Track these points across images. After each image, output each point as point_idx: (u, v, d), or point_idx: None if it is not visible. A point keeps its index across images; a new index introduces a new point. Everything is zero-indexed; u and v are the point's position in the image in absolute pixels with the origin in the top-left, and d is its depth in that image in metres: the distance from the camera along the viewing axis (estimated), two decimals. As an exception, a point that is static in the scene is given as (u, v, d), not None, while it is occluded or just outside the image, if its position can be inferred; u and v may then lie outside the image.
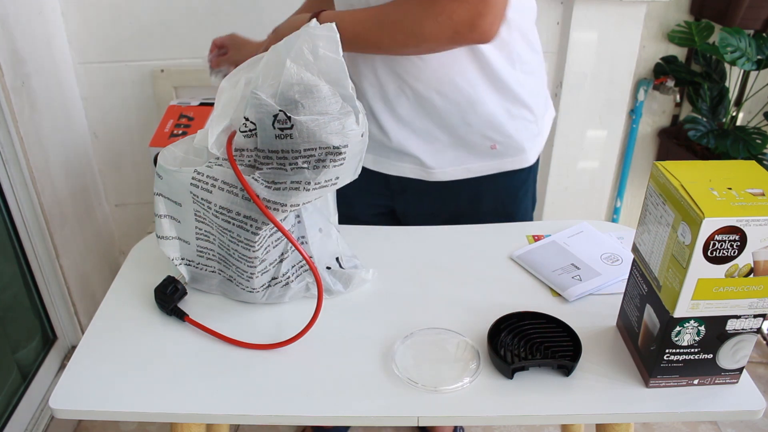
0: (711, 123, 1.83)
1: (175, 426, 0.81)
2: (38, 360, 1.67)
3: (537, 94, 1.07)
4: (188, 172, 0.79)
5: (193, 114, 1.67)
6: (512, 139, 1.05)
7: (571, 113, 1.88)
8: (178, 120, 1.64)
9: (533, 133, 1.08)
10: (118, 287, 0.92)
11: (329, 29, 0.73)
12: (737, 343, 0.73)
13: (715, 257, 0.66)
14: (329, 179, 0.77)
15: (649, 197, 0.75)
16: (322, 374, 0.77)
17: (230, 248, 0.82)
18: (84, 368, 0.78)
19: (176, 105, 1.72)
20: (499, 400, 0.74)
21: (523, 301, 0.89)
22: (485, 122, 1.03)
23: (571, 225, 1.05)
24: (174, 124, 1.63)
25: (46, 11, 1.62)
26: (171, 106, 1.71)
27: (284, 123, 0.72)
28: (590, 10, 1.74)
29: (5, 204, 1.52)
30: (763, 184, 0.68)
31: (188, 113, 1.67)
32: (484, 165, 1.07)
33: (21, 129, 1.47)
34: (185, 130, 1.62)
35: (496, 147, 1.05)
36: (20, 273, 1.61)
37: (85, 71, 1.77)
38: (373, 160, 1.11)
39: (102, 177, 1.92)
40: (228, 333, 0.82)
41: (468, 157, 1.06)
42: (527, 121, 1.06)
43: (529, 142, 1.07)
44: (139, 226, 2.01)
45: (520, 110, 1.04)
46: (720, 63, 1.84)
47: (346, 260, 0.92)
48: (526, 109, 1.05)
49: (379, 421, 0.74)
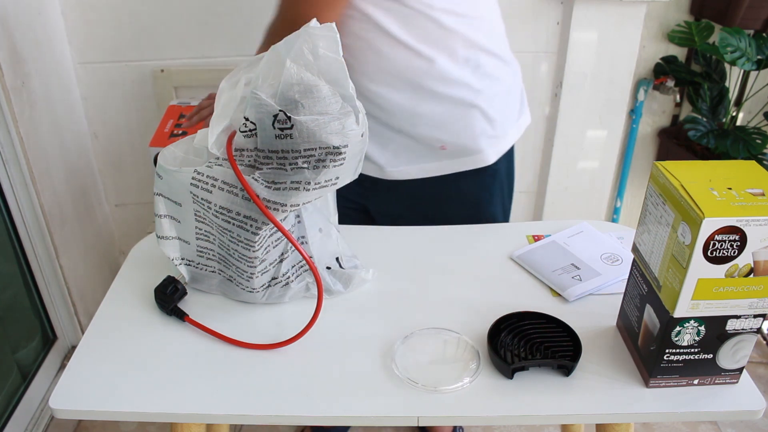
0: (711, 123, 1.83)
1: (175, 426, 0.81)
2: (38, 360, 1.67)
3: (494, 96, 1.08)
4: (188, 172, 0.79)
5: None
6: (460, 140, 1.06)
7: (571, 113, 1.88)
8: (178, 120, 1.64)
9: (489, 135, 1.09)
10: (118, 287, 0.92)
11: (329, 29, 0.73)
12: (737, 343, 0.73)
13: (715, 257, 0.66)
14: (329, 179, 0.77)
15: (649, 197, 0.75)
16: (322, 374, 0.77)
17: (230, 248, 0.82)
18: (84, 368, 0.78)
19: (176, 105, 1.72)
20: (499, 400, 0.74)
21: (523, 301, 0.89)
22: (428, 122, 1.05)
23: (571, 225, 1.05)
24: (174, 124, 1.63)
25: (46, 11, 1.62)
26: (171, 107, 1.71)
27: (284, 123, 0.72)
28: (590, 10, 1.74)
29: (5, 204, 1.52)
30: (763, 184, 0.68)
31: (188, 113, 1.67)
32: (439, 165, 1.08)
33: (21, 129, 1.47)
34: (185, 130, 1.62)
35: (445, 147, 1.06)
36: (20, 273, 1.61)
37: (85, 71, 1.77)
38: None
39: (102, 177, 1.92)
40: (228, 333, 0.82)
41: (421, 157, 1.07)
42: (480, 122, 1.07)
43: (485, 142, 1.08)
44: (139, 226, 2.01)
45: (468, 111, 1.05)
46: (720, 63, 1.84)
47: (346, 260, 0.92)
48: (477, 110, 1.06)
49: (379, 421, 0.74)
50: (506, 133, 1.13)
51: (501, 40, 1.10)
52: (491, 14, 1.08)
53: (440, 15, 0.99)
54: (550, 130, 1.94)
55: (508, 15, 1.06)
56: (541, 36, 1.82)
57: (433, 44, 1.00)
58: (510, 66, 1.11)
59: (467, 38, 1.02)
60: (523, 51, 1.83)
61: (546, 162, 1.98)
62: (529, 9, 1.77)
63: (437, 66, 1.01)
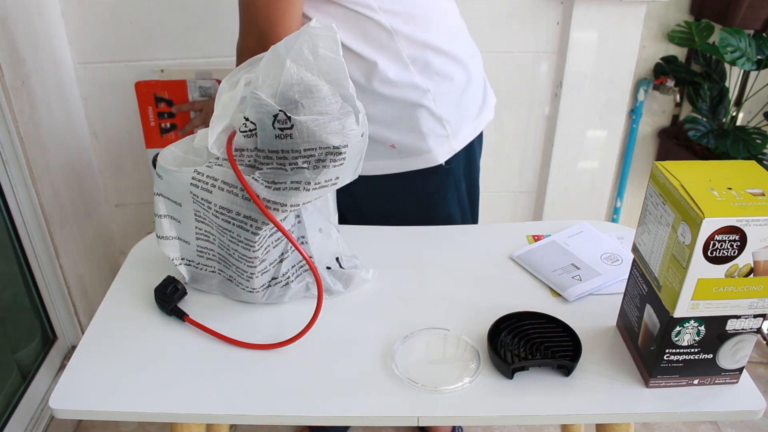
0: (711, 123, 1.83)
1: (175, 426, 0.81)
2: (38, 360, 1.66)
3: (444, 95, 1.08)
4: (188, 172, 0.79)
5: (167, 94, 1.62)
6: (408, 139, 1.07)
7: (571, 113, 1.88)
8: (157, 106, 1.62)
9: (438, 134, 1.09)
10: (118, 287, 0.92)
11: (329, 29, 0.73)
12: (737, 343, 0.73)
13: (715, 257, 0.66)
14: (329, 179, 0.77)
15: (649, 197, 0.75)
16: (322, 374, 0.77)
17: (230, 248, 0.82)
18: (84, 368, 0.78)
19: (141, 82, 1.63)
20: (499, 400, 0.74)
21: (523, 301, 0.89)
22: (377, 122, 1.05)
23: (571, 225, 1.05)
24: (156, 112, 1.61)
25: (46, 11, 1.62)
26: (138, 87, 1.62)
27: (284, 123, 0.72)
28: (590, 10, 1.74)
29: (5, 204, 1.52)
30: (763, 184, 0.68)
31: (162, 94, 1.62)
32: (390, 163, 1.10)
33: (21, 129, 1.47)
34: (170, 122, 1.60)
35: (395, 146, 1.08)
36: (20, 273, 1.61)
37: (85, 71, 1.77)
38: None
39: (102, 177, 1.92)
40: (228, 333, 0.82)
41: (374, 155, 1.07)
42: (428, 122, 1.07)
43: (434, 141, 1.09)
44: (139, 226, 2.01)
45: (415, 111, 1.06)
46: (720, 63, 1.84)
47: (346, 260, 0.92)
48: (424, 109, 1.06)
49: (379, 421, 0.74)
50: (458, 132, 1.12)
51: (453, 38, 1.10)
52: (441, 12, 1.08)
53: (381, 16, 0.99)
54: (550, 130, 1.94)
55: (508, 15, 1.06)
56: (541, 36, 1.82)
57: (376, 46, 1.00)
58: (464, 64, 1.11)
59: (412, 38, 1.02)
60: (523, 51, 1.83)
61: (546, 162, 1.98)
62: (529, 9, 1.77)
63: (380, 68, 1.01)
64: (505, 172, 2.03)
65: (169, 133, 1.65)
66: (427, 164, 1.10)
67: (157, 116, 1.61)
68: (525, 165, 2.03)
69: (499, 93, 1.90)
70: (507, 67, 1.84)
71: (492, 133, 1.19)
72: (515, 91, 1.88)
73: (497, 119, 1.28)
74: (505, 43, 1.81)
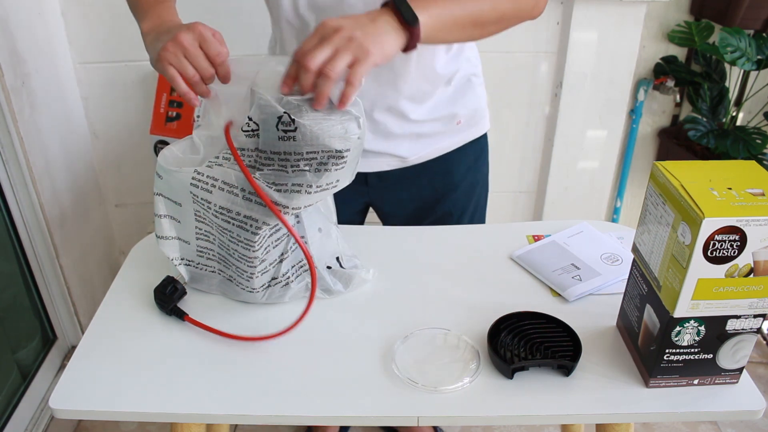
0: (711, 123, 1.83)
1: (175, 426, 0.81)
2: (38, 360, 1.66)
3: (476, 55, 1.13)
4: (188, 172, 0.79)
5: None
6: (472, 109, 1.11)
7: (571, 113, 1.88)
8: (171, 94, 1.63)
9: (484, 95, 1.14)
10: (118, 287, 0.92)
11: None
12: (737, 343, 0.73)
13: (715, 257, 0.66)
14: (330, 182, 0.77)
15: (649, 197, 0.75)
16: (322, 374, 0.77)
17: (230, 248, 0.82)
18: (84, 368, 0.78)
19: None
20: (499, 400, 0.74)
21: (523, 301, 0.89)
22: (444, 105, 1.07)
23: (571, 225, 1.05)
24: (168, 100, 1.62)
25: (46, 11, 1.62)
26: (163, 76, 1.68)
27: (288, 125, 0.72)
28: (590, 10, 1.74)
29: (5, 204, 1.52)
30: (763, 184, 0.68)
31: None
32: (453, 141, 1.12)
33: (21, 129, 1.47)
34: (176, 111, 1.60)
35: (461, 122, 1.11)
36: (20, 273, 1.61)
37: (85, 71, 1.77)
38: None
39: (102, 177, 1.92)
40: (228, 333, 0.82)
41: (438, 140, 1.10)
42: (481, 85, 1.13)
43: (485, 104, 1.14)
44: (139, 226, 2.01)
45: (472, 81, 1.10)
46: (720, 63, 1.83)
47: (346, 260, 0.92)
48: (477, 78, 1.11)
49: (379, 421, 0.74)
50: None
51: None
52: None
53: None
54: (550, 130, 1.94)
55: (508, 15, 1.07)
56: (541, 36, 1.82)
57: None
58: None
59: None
60: (523, 51, 1.83)
61: (546, 162, 1.98)
62: (529, 9, 1.77)
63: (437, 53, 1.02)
64: (505, 172, 2.03)
65: (172, 122, 1.66)
66: (483, 130, 1.16)
67: (168, 104, 1.62)
68: (525, 165, 2.03)
69: (499, 93, 1.91)
70: (507, 67, 1.84)
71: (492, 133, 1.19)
72: (515, 91, 1.88)
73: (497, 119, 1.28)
74: (505, 43, 1.81)
